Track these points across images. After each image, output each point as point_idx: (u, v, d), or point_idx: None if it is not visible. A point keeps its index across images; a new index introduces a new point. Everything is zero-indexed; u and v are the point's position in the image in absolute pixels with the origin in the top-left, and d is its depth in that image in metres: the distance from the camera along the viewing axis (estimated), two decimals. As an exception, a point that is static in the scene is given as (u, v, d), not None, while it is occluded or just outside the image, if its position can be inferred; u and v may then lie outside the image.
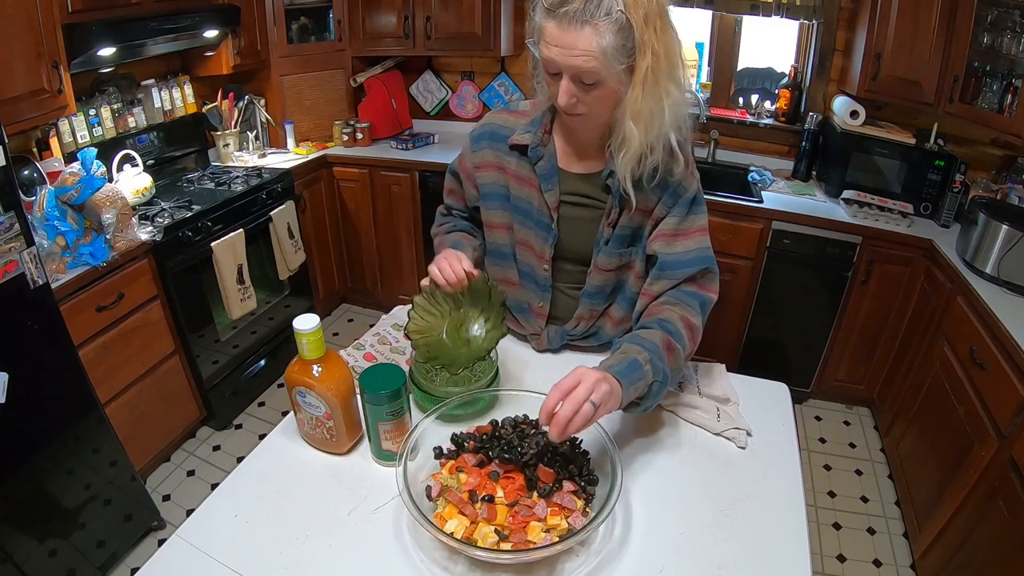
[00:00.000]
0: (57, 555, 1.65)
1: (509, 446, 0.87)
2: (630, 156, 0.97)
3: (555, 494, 0.82)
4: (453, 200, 1.30)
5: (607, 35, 0.86)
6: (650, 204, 1.07)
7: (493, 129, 1.16)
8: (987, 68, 2.07)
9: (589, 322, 1.21)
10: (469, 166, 1.20)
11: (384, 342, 1.28)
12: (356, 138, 3.09)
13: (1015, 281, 1.82)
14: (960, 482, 1.69)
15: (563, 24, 0.87)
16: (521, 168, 1.13)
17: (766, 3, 2.53)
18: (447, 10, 2.86)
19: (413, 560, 0.82)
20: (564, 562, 0.81)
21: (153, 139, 2.55)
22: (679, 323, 1.01)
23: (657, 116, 0.94)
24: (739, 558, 0.82)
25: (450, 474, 0.87)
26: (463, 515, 0.79)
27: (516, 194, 1.15)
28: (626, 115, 0.94)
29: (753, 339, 2.62)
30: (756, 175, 2.64)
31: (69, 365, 1.68)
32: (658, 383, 0.93)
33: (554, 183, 1.10)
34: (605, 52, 0.87)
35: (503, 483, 0.84)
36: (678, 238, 1.06)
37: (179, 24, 2.27)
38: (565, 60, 0.89)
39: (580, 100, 0.94)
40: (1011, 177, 2.27)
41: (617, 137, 0.98)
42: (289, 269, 2.71)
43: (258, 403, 2.69)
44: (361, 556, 0.82)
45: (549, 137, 1.11)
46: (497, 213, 1.19)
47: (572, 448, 0.89)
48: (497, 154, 1.15)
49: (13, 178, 1.45)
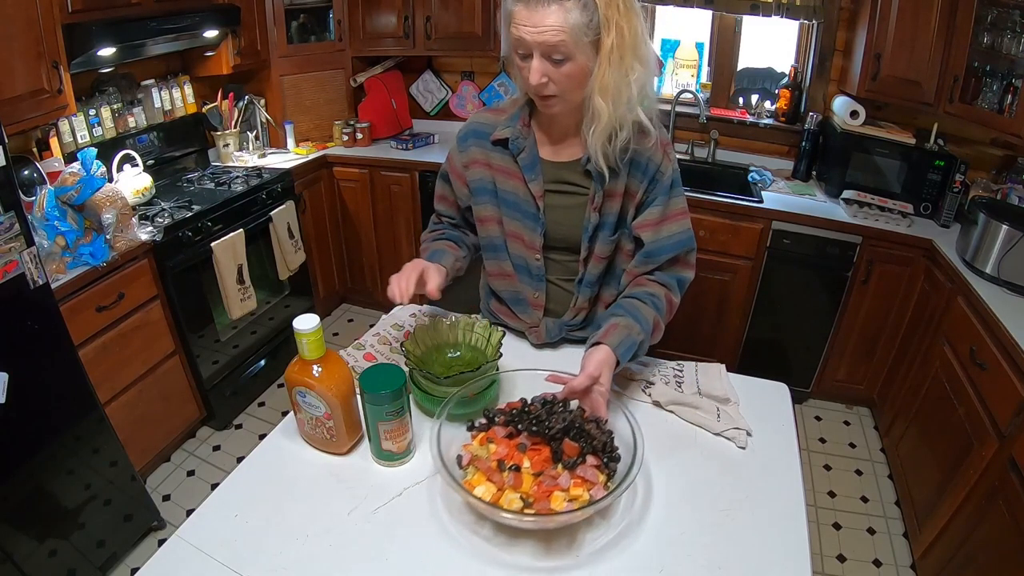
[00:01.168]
0: (57, 555, 1.65)
1: (537, 420, 0.91)
2: (600, 131, 1.02)
3: (579, 467, 0.86)
4: (444, 206, 1.32)
5: (574, 12, 0.93)
6: (632, 188, 1.12)
7: (477, 127, 1.20)
8: (987, 68, 2.07)
9: (587, 311, 1.24)
10: (459, 166, 1.23)
11: (384, 342, 1.28)
12: (356, 138, 3.09)
13: (1015, 281, 1.82)
14: (960, 482, 1.69)
15: (531, 5, 0.94)
16: (505, 162, 1.17)
17: (766, 3, 2.53)
18: (447, 10, 2.86)
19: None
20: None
21: (153, 139, 2.55)
22: (664, 302, 1.14)
23: (624, 91, 0.99)
24: (739, 558, 0.82)
25: (480, 445, 0.91)
26: (491, 482, 0.84)
27: (503, 187, 1.18)
28: (594, 91, 0.99)
29: (753, 339, 2.62)
30: (756, 175, 2.64)
31: (69, 365, 1.68)
32: (639, 356, 1.10)
33: (537, 173, 1.14)
34: (572, 27, 0.93)
35: (530, 454, 0.89)
36: (664, 223, 1.13)
37: (179, 24, 2.27)
38: (535, 38, 0.94)
39: (551, 79, 0.99)
40: (1011, 177, 2.27)
41: (587, 114, 1.03)
42: (289, 269, 2.71)
43: (258, 403, 2.69)
44: (361, 556, 0.83)
45: (529, 130, 1.15)
46: (487, 207, 1.22)
47: (598, 427, 0.93)
48: (483, 151, 1.19)
49: (13, 178, 1.45)
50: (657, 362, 1.23)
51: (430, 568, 0.81)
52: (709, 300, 2.60)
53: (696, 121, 2.85)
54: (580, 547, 0.84)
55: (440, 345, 1.16)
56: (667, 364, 1.22)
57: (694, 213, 2.32)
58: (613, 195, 1.12)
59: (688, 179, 2.55)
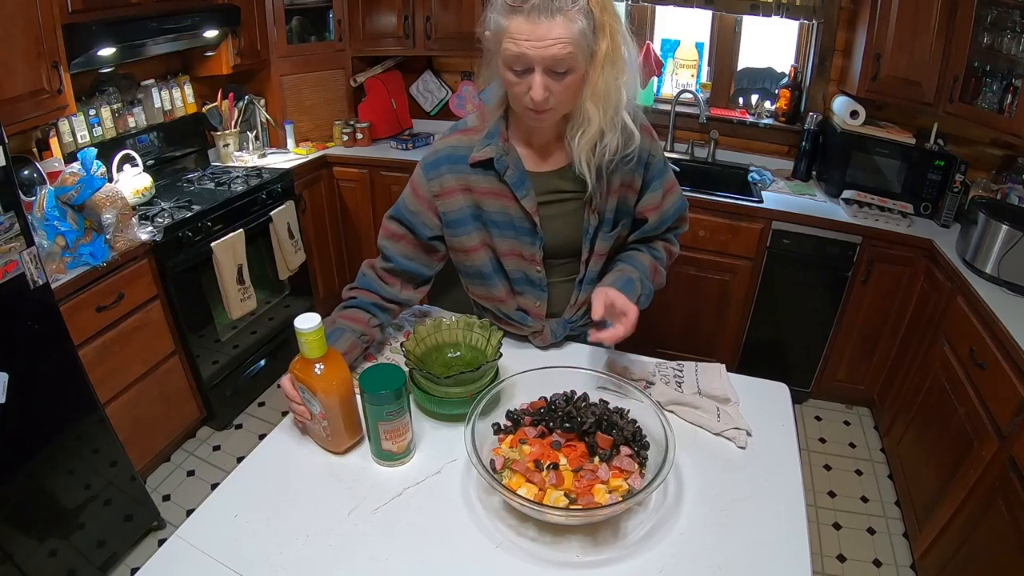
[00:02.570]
0: (57, 555, 1.65)
1: (569, 416, 0.92)
2: (588, 138, 1.00)
3: (615, 458, 0.88)
4: (394, 247, 1.18)
5: (578, 20, 0.89)
6: (627, 179, 1.12)
7: (449, 152, 1.12)
8: (987, 68, 2.07)
9: (588, 306, 1.20)
10: (427, 196, 1.14)
11: (384, 342, 1.28)
12: (356, 138, 3.09)
13: (1015, 281, 1.82)
14: (960, 482, 1.69)
15: (532, 17, 0.88)
16: (489, 183, 1.11)
17: (766, 3, 2.53)
18: (447, 10, 2.86)
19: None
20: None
21: (153, 139, 2.55)
22: (662, 250, 1.21)
23: (614, 94, 0.97)
24: (739, 558, 0.82)
25: (511, 447, 0.91)
26: (531, 483, 0.84)
27: (490, 210, 1.13)
28: (586, 97, 0.97)
29: (753, 339, 2.62)
30: (756, 175, 2.64)
31: (69, 365, 1.68)
32: (644, 296, 1.14)
33: (528, 188, 1.10)
34: (577, 37, 0.89)
35: (565, 451, 0.90)
36: (665, 201, 1.17)
37: (179, 24, 2.27)
38: (539, 52, 0.89)
39: (551, 92, 0.95)
40: (1011, 177, 2.27)
41: (575, 120, 1.01)
42: (289, 269, 2.71)
43: (258, 403, 2.69)
44: (361, 556, 0.82)
45: (509, 145, 1.10)
46: (470, 236, 1.15)
47: (622, 417, 0.94)
48: (459, 176, 1.12)
49: (13, 178, 1.45)
50: (657, 362, 1.23)
51: (430, 568, 0.81)
52: (709, 300, 2.60)
53: (696, 121, 2.85)
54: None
55: (440, 345, 1.16)
56: (667, 364, 1.22)
57: (694, 213, 2.32)
58: (609, 191, 1.11)
59: (688, 179, 2.57)
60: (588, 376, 1.04)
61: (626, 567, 0.81)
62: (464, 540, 0.85)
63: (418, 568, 0.81)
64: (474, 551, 0.83)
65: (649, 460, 0.90)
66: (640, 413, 0.96)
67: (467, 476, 0.95)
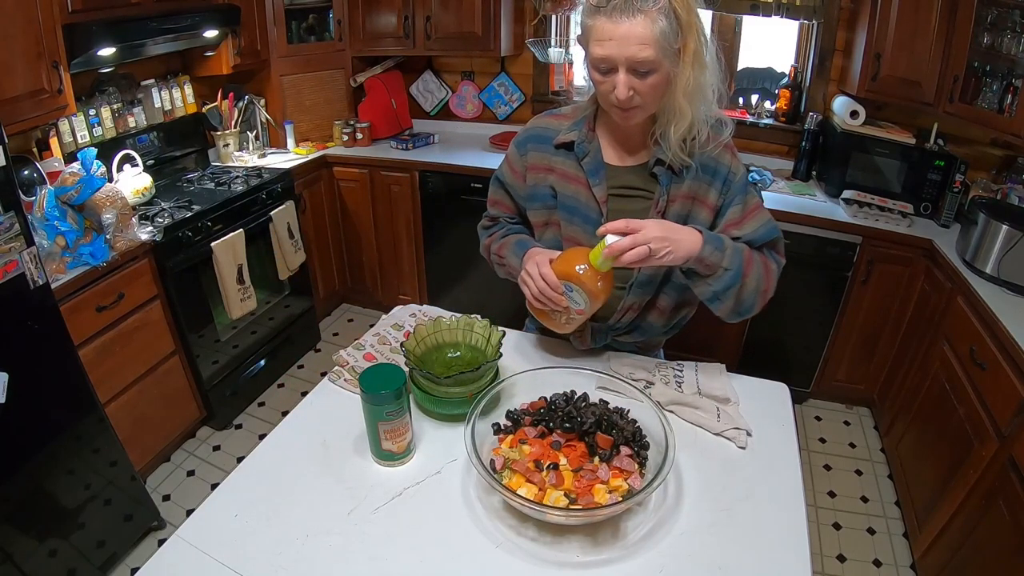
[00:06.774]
0: (57, 555, 1.65)
1: (569, 416, 0.93)
2: (681, 131, 1.03)
3: (615, 458, 0.88)
4: (499, 210, 1.32)
5: (659, 20, 0.91)
6: (700, 192, 1.11)
7: (538, 132, 1.19)
8: (987, 68, 2.07)
9: (635, 313, 1.20)
10: (520, 169, 1.22)
11: (384, 342, 1.28)
12: (356, 138, 3.09)
13: (1015, 281, 1.82)
14: (960, 482, 1.69)
15: (615, 17, 0.91)
16: (568, 166, 1.15)
17: (766, 3, 2.53)
18: (447, 10, 2.86)
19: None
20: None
21: (153, 139, 2.55)
22: (758, 256, 1.12)
23: (705, 91, 1.00)
24: (739, 558, 0.82)
25: (510, 447, 0.92)
26: (531, 483, 0.84)
27: (563, 192, 1.17)
28: (677, 95, 0.99)
29: (753, 339, 2.62)
30: (756, 175, 2.64)
31: (69, 365, 1.68)
32: (729, 272, 1.04)
33: (601, 177, 1.13)
34: (659, 38, 0.91)
35: (565, 451, 0.90)
36: (746, 220, 1.12)
37: (179, 24, 2.27)
38: (621, 52, 0.92)
39: (636, 91, 0.97)
40: (1011, 177, 2.27)
41: (665, 119, 1.03)
42: (289, 269, 2.71)
43: (258, 403, 2.69)
44: (361, 556, 0.83)
45: (594, 134, 1.14)
46: (538, 213, 1.22)
47: (622, 417, 0.94)
48: (544, 155, 1.18)
49: (13, 178, 1.45)
50: (657, 362, 1.23)
51: (430, 568, 0.81)
52: (709, 300, 2.59)
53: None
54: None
55: (440, 345, 1.16)
56: (667, 364, 1.22)
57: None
58: (677, 198, 1.11)
59: (688, 179, 2.56)
60: (588, 376, 1.04)
61: (626, 567, 0.81)
62: (464, 540, 0.85)
63: (418, 568, 0.81)
64: (474, 551, 0.83)
65: (649, 460, 0.91)
66: (640, 413, 0.96)
67: (467, 476, 0.95)
